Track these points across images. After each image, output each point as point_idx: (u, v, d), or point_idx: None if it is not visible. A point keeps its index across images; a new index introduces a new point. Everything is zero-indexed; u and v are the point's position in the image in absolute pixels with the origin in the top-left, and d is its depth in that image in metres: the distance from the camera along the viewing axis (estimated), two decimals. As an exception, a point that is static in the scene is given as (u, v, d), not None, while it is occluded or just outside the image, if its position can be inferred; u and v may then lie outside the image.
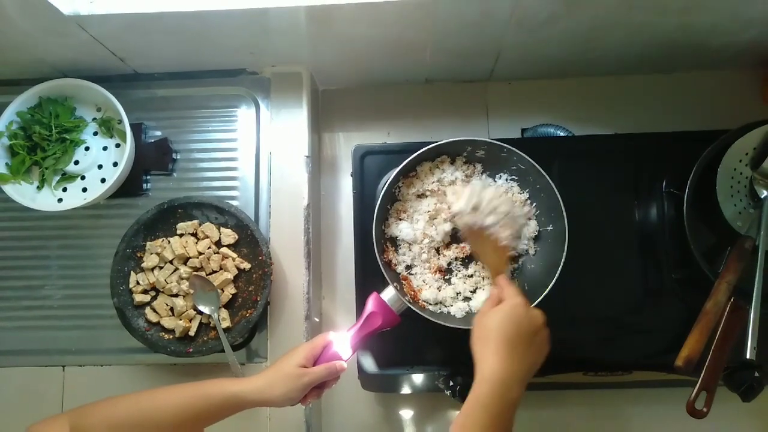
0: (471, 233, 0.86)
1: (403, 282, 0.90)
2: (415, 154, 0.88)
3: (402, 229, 0.91)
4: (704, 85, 1.13)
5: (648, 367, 0.90)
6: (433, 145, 0.89)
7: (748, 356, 0.80)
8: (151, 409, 0.74)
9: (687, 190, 0.85)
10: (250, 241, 0.98)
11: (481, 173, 0.94)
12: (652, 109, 1.12)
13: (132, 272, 0.97)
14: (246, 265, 0.98)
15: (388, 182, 0.89)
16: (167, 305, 0.96)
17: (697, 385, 0.80)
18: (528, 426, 1.05)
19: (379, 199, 0.88)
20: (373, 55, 1.05)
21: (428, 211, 0.91)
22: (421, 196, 0.93)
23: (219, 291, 0.96)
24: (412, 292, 0.90)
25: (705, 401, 0.80)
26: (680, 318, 0.88)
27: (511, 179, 0.93)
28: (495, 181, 0.93)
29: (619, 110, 1.13)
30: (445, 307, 0.90)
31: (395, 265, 0.91)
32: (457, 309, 0.89)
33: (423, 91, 1.17)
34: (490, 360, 0.69)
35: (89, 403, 0.74)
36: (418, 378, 0.97)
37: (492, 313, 0.73)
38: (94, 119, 1.03)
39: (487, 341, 0.71)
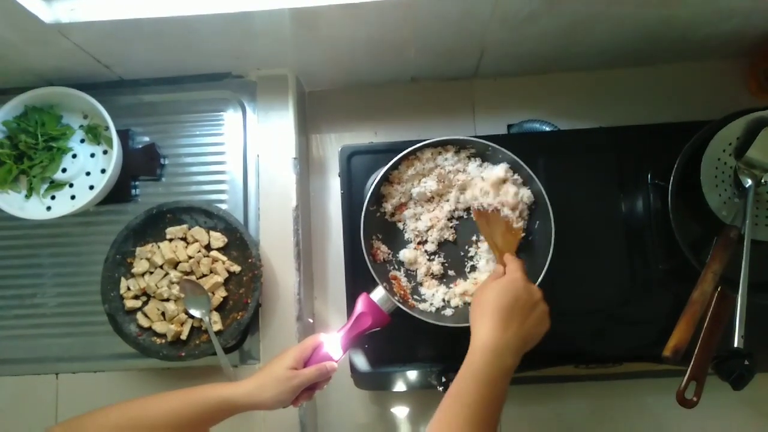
0: (483, 214, 0.86)
1: (393, 282, 0.91)
2: (402, 154, 0.89)
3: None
4: (688, 76, 1.14)
5: (638, 358, 0.91)
6: (419, 144, 0.89)
7: (736, 345, 0.80)
8: (143, 417, 0.74)
9: (672, 182, 0.86)
10: (239, 244, 0.98)
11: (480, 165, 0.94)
12: (636, 102, 1.12)
13: (122, 278, 0.97)
14: (236, 268, 0.98)
15: (374, 182, 0.89)
16: (158, 310, 0.97)
17: (687, 375, 0.80)
18: (519, 419, 1.06)
19: (366, 199, 0.88)
20: (358, 55, 1.05)
21: (431, 191, 0.91)
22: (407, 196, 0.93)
23: (210, 294, 0.96)
24: (402, 292, 0.90)
25: (695, 391, 0.80)
26: (669, 309, 0.89)
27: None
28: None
29: (603, 104, 1.13)
30: (435, 305, 0.90)
31: (384, 260, 0.92)
32: (447, 307, 0.89)
33: (409, 90, 1.18)
34: (484, 329, 0.70)
35: (81, 414, 0.74)
36: (410, 375, 0.97)
37: (490, 285, 0.75)
38: (80, 126, 1.03)
39: (483, 312, 0.72)
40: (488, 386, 0.67)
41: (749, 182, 0.87)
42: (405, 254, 0.91)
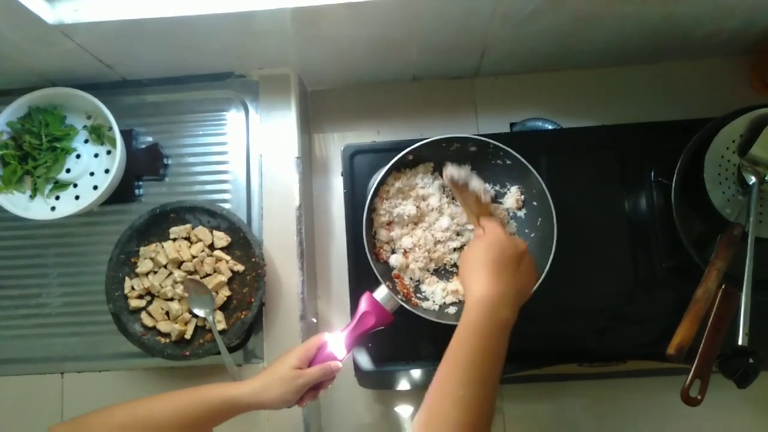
0: (458, 187, 0.87)
1: (396, 280, 0.91)
2: (403, 152, 0.89)
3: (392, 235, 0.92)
4: (691, 74, 1.13)
5: (642, 357, 0.91)
6: (421, 142, 0.89)
7: (740, 342, 0.80)
8: (148, 416, 0.74)
9: (675, 179, 0.86)
10: (243, 243, 0.98)
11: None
12: (639, 100, 1.12)
13: (127, 278, 0.97)
14: (239, 267, 0.98)
15: (377, 181, 0.89)
16: (162, 309, 0.97)
17: (691, 373, 0.80)
18: (523, 418, 1.06)
19: (369, 198, 0.88)
20: (360, 54, 1.05)
21: (408, 216, 0.92)
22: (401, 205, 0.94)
23: (213, 294, 0.96)
24: (405, 290, 0.90)
25: (699, 389, 0.80)
26: (672, 306, 0.88)
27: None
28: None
29: (606, 102, 1.13)
30: (437, 303, 0.90)
31: (387, 259, 0.92)
32: (450, 305, 0.90)
33: (411, 88, 1.18)
34: (477, 284, 0.70)
35: (86, 413, 0.74)
36: (414, 374, 0.97)
37: (475, 244, 0.75)
38: (84, 127, 1.04)
39: (473, 269, 0.72)
40: (486, 343, 0.65)
41: (753, 179, 0.87)
42: (395, 259, 0.91)
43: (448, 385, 0.63)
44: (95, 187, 1.01)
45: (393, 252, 0.92)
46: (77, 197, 1.01)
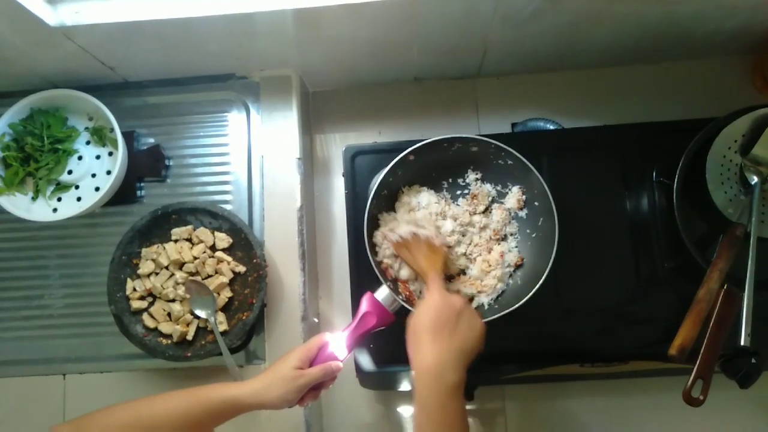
0: (401, 244, 0.86)
1: (398, 282, 0.91)
2: (405, 153, 0.89)
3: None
4: (693, 73, 1.13)
5: (644, 357, 0.90)
6: (422, 143, 0.89)
7: (742, 343, 0.80)
8: (149, 415, 0.75)
9: (677, 179, 0.86)
10: (244, 244, 0.98)
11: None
12: (641, 100, 1.12)
13: (128, 279, 0.98)
14: (241, 269, 0.98)
15: (377, 183, 0.89)
16: (164, 311, 0.97)
17: (693, 374, 0.80)
18: (525, 418, 1.06)
19: (370, 199, 0.88)
20: (361, 55, 1.05)
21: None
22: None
23: (215, 295, 0.96)
24: (407, 291, 0.90)
25: (701, 389, 0.80)
26: (674, 307, 0.88)
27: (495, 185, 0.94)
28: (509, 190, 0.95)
29: (608, 102, 1.13)
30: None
31: (387, 267, 0.92)
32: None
33: (412, 89, 1.18)
34: (418, 354, 0.70)
35: (89, 413, 0.74)
36: (415, 375, 0.97)
37: (417, 311, 0.75)
38: (86, 128, 1.04)
39: (414, 339, 0.72)
40: (437, 410, 0.66)
41: (755, 179, 0.87)
42: (405, 273, 0.90)
43: None
44: (97, 189, 1.01)
45: (400, 269, 0.92)
46: (79, 199, 1.02)
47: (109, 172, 1.02)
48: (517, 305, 0.83)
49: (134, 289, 0.97)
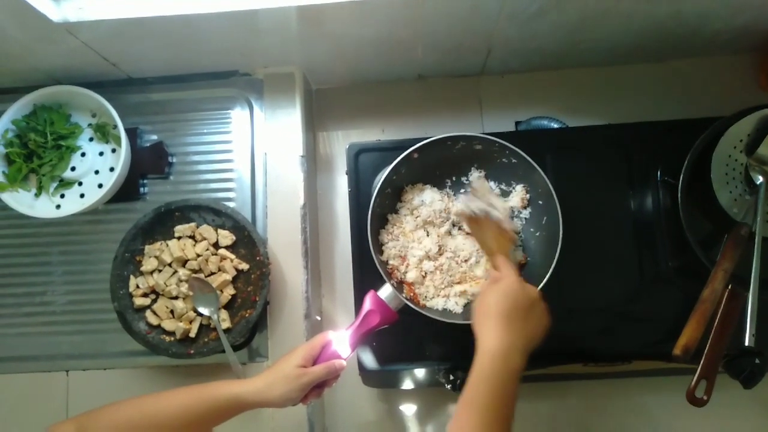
0: (474, 219, 0.86)
1: (403, 282, 0.90)
2: (408, 151, 0.89)
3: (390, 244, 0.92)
4: (698, 72, 1.13)
5: (647, 357, 0.90)
6: (426, 141, 0.89)
7: (747, 343, 0.80)
8: (154, 412, 0.75)
9: (682, 179, 0.85)
10: (247, 241, 0.98)
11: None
12: (645, 99, 1.11)
13: (131, 276, 0.97)
14: (244, 266, 0.98)
15: (381, 180, 0.89)
16: (167, 308, 0.97)
17: (697, 374, 0.80)
18: (529, 417, 1.06)
19: (373, 197, 0.88)
20: (365, 53, 1.05)
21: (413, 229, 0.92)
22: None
23: (218, 292, 0.96)
24: (412, 293, 0.90)
25: (705, 389, 0.80)
26: (678, 306, 0.88)
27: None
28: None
29: (612, 100, 1.12)
30: (443, 302, 0.90)
31: (393, 269, 0.91)
32: (455, 304, 0.89)
33: (416, 87, 1.17)
34: (489, 334, 0.72)
35: (94, 409, 0.75)
36: (418, 373, 0.97)
37: (489, 291, 0.76)
38: (89, 125, 1.04)
39: (486, 317, 0.73)
40: (499, 389, 0.68)
41: (760, 179, 0.87)
42: (411, 275, 0.91)
43: (468, 429, 0.66)
44: (100, 186, 1.01)
45: (406, 271, 0.91)
46: (82, 195, 1.01)
47: (112, 169, 1.02)
48: (520, 304, 0.83)
49: (137, 286, 0.97)
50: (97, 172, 1.03)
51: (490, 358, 0.70)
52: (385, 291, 0.85)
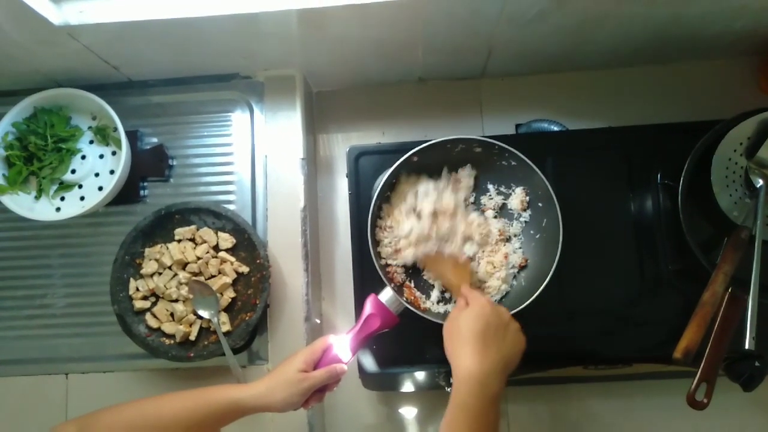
0: (428, 259, 0.88)
1: (403, 285, 0.90)
2: (409, 153, 0.89)
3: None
4: (699, 75, 1.13)
5: (648, 360, 0.90)
6: (426, 144, 0.89)
7: (747, 346, 0.80)
8: (155, 416, 0.75)
9: (682, 182, 0.85)
10: (247, 244, 0.98)
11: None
12: (646, 101, 1.11)
13: (131, 279, 0.97)
14: (244, 269, 0.98)
15: (381, 184, 0.89)
16: (167, 311, 0.97)
17: (697, 377, 0.80)
18: (528, 420, 1.06)
19: (373, 200, 0.88)
20: (366, 56, 1.05)
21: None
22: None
23: (218, 295, 0.96)
24: (412, 296, 0.90)
25: (705, 392, 0.80)
26: (678, 309, 0.88)
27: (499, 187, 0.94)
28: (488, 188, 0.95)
29: (613, 103, 1.12)
30: (444, 305, 0.90)
31: (392, 273, 0.91)
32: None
33: (416, 90, 1.17)
34: (464, 360, 0.70)
35: (95, 411, 0.75)
36: (418, 376, 0.97)
37: (460, 315, 0.75)
38: (89, 128, 1.04)
39: (459, 342, 0.72)
40: (479, 416, 0.67)
41: (760, 182, 0.87)
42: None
43: None
44: (100, 188, 1.01)
45: (406, 274, 0.92)
46: (82, 198, 1.01)
47: (112, 172, 1.02)
48: (521, 307, 0.83)
49: (137, 289, 0.97)
50: (97, 174, 1.03)
51: (466, 384, 0.68)
52: (386, 294, 0.85)
